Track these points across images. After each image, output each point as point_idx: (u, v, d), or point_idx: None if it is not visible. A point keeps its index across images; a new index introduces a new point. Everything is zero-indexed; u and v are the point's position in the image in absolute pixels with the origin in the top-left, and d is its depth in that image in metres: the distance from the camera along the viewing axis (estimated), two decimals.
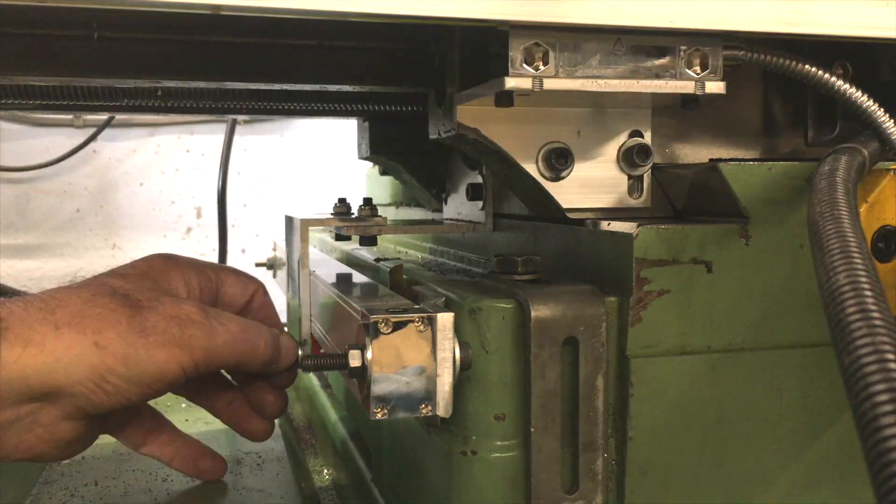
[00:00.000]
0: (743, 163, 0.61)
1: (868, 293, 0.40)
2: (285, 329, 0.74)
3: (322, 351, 0.80)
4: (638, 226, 0.59)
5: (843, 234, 0.45)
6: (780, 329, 0.62)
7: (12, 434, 0.61)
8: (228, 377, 0.78)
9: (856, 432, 0.35)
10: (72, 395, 0.60)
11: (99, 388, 0.60)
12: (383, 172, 1.20)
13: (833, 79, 0.65)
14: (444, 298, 0.62)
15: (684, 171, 0.69)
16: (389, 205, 1.33)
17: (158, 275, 0.68)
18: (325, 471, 1.05)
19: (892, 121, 0.64)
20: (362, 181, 1.56)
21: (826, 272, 0.43)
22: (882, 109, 0.64)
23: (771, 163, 0.61)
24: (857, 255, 0.43)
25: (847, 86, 0.65)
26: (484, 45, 0.63)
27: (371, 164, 1.39)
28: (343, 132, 2.27)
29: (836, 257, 0.43)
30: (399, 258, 0.99)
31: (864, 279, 0.41)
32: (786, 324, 0.62)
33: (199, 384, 0.77)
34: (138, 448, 0.77)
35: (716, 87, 0.60)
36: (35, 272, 2.54)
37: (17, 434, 0.61)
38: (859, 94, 0.65)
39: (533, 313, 0.56)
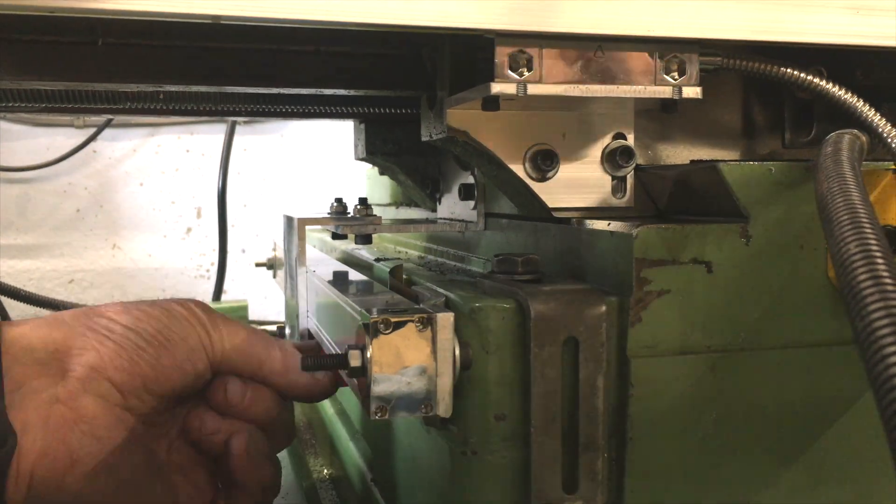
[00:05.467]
0: (743, 163, 0.61)
1: (880, 260, 0.40)
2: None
3: (322, 351, 0.80)
4: (638, 226, 0.59)
5: (853, 205, 0.46)
6: (780, 329, 0.62)
7: (31, 408, 0.57)
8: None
9: (856, 432, 0.35)
10: (80, 350, 0.61)
11: (106, 342, 0.61)
12: (382, 173, 1.20)
13: (816, 79, 0.66)
14: (443, 298, 0.62)
15: (666, 172, 0.70)
16: (389, 205, 1.32)
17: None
18: (325, 471, 1.05)
19: (878, 116, 0.65)
20: (362, 181, 1.57)
21: (837, 243, 0.43)
22: (868, 106, 0.66)
23: (771, 163, 0.61)
24: (867, 224, 0.43)
25: (831, 85, 0.67)
26: (472, 52, 0.65)
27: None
28: (342, 132, 2.27)
29: (845, 228, 0.44)
30: (399, 258, 0.99)
31: (875, 247, 0.41)
32: (786, 324, 0.62)
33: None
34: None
35: (692, 91, 0.62)
36: (35, 272, 2.54)
37: (36, 409, 0.57)
38: (842, 92, 0.67)
39: (533, 313, 0.56)
